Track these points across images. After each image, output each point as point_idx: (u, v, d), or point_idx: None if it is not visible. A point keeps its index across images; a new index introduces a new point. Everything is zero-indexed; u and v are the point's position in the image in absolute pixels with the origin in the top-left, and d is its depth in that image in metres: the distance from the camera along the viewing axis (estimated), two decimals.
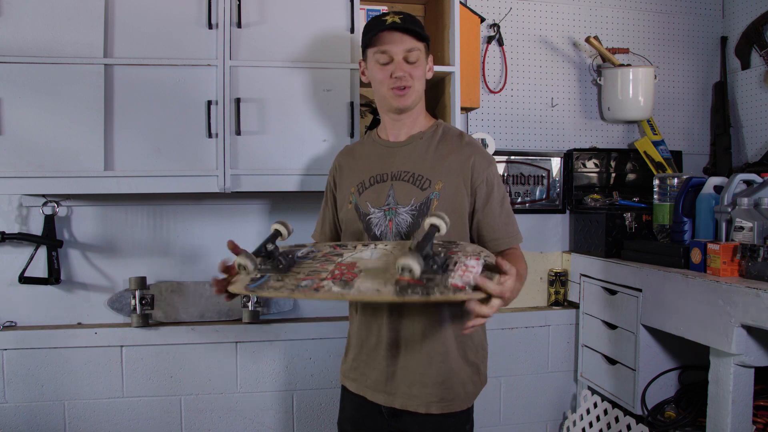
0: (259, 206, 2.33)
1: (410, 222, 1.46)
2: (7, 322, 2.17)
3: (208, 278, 2.29)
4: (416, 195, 1.47)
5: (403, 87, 1.48)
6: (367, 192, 1.53)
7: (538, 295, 2.66)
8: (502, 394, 2.57)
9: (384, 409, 1.52)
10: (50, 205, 2.16)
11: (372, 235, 1.49)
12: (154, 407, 2.24)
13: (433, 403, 1.47)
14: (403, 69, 1.47)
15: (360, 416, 1.57)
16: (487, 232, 1.50)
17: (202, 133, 1.92)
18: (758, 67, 2.58)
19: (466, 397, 1.51)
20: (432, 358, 1.47)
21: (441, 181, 1.47)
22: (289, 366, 2.32)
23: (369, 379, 1.53)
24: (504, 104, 2.59)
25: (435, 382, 1.46)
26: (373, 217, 1.50)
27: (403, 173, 1.50)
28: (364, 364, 1.54)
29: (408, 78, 1.48)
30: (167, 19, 1.90)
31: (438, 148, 1.53)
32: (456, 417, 1.50)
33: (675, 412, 2.09)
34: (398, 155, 1.54)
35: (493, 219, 1.50)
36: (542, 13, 2.61)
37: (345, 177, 1.60)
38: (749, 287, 1.65)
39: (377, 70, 1.49)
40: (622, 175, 2.66)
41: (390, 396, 1.49)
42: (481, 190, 1.49)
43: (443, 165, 1.49)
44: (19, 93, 1.83)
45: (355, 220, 1.53)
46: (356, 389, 1.57)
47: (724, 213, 1.94)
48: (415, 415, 1.48)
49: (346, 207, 1.56)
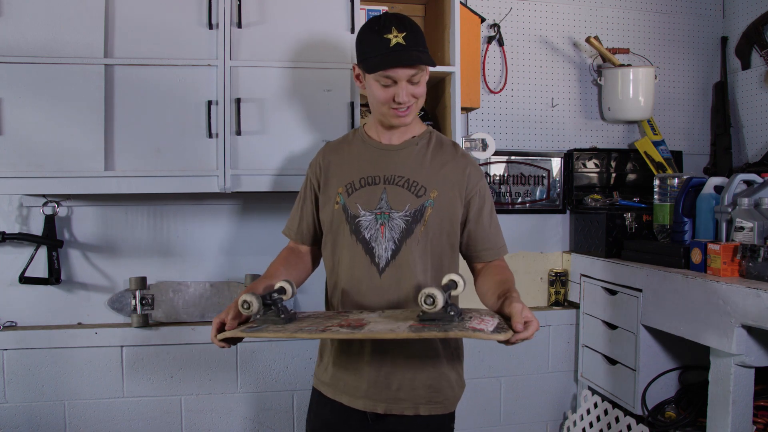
0: (260, 207, 2.33)
1: (403, 228, 1.45)
2: (8, 322, 2.17)
3: (209, 278, 2.30)
4: (411, 201, 1.46)
5: (405, 108, 1.44)
6: (357, 193, 1.49)
7: (539, 296, 2.66)
8: (503, 394, 2.57)
9: (369, 413, 1.48)
10: (50, 205, 2.16)
11: (361, 239, 1.46)
12: (155, 407, 2.24)
13: (422, 405, 1.46)
14: (407, 94, 1.41)
15: (339, 420, 1.52)
16: (477, 242, 1.52)
17: (202, 133, 1.92)
18: (758, 67, 2.58)
19: (453, 399, 1.52)
20: (424, 363, 1.46)
21: (436, 190, 1.47)
22: (289, 366, 2.32)
23: (347, 384, 1.48)
24: (504, 104, 2.59)
25: (425, 384, 1.46)
26: (362, 219, 1.47)
27: (397, 178, 1.48)
28: (344, 370, 1.50)
29: (411, 99, 1.43)
30: (167, 19, 1.90)
31: (434, 156, 1.52)
32: (442, 418, 1.50)
33: (675, 413, 2.09)
34: (392, 159, 1.51)
35: (484, 230, 1.52)
36: (542, 13, 2.61)
37: (331, 175, 1.54)
38: (749, 287, 1.65)
39: (378, 90, 1.42)
40: (622, 175, 2.66)
41: (371, 401, 1.46)
42: (474, 202, 1.51)
43: (439, 174, 1.49)
44: (19, 93, 1.83)
45: (341, 222, 1.49)
46: (332, 395, 1.52)
47: (724, 213, 1.94)
48: (401, 417, 1.46)
49: (331, 207, 1.51)
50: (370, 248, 1.45)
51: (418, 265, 1.45)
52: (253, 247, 2.33)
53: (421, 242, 1.45)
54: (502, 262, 1.54)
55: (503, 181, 2.58)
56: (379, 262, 1.45)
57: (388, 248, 1.45)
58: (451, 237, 1.49)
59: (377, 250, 1.45)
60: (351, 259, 1.47)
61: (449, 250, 1.50)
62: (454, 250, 1.52)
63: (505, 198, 2.59)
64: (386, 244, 1.45)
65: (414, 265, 1.44)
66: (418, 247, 1.45)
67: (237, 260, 2.33)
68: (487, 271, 1.51)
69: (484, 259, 1.53)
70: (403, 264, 1.44)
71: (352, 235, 1.47)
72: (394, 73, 1.39)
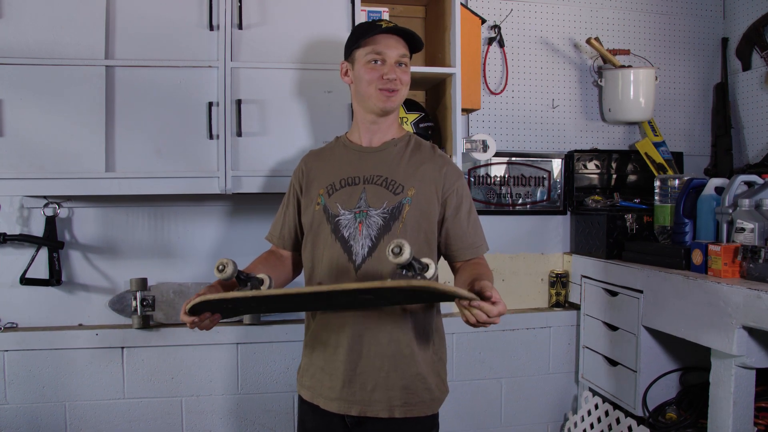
0: (260, 208, 2.33)
1: (381, 225, 1.46)
2: (9, 323, 2.17)
3: (209, 280, 2.30)
4: (389, 199, 1.48)
5: (393, 90, 1.49)
6: (337, 194, 1.51)
7: (539, 297, 2.66)
8: (503, 396, 2.56)
9: (347, 417, 1.48)
10: (51, 206, 2.16)
11: (340, 237, 1.47)
12: (155, 408, 2.24)
13: (397, 407, 1.45)
14: (395, 72, 1.48)
15: (320, 427, 1.52)
16: (454, 240, 1.53)
17: (203, 135, 1.92)
18: (759, 68, 2.58)
19: (432, 403, 1.50)
20: (397, 362, 1.45)
21: (414, 188, 1.49)
22: (290, 367, 2.32)
23: (323, 385, 1.49)
24: (505, 105, 2.59)
25: (400, 385, 1.45)
26: (342, 218, 1.48)
27: (375, 177, 1.51)
28: (320, 370, 1.50)
29: (398, 82, 1.49)
30: (168, 20, 1.90)
31: (412, 156, 1.55)
32: (422, 423, 1.48)
33: (676, 414, 2.09)
34: (371, 159, 1.54)
35: (462, 229, 1.53)
36: (543, 14, 2.61)
37: (313, 179, 1.58)
38: (750, 289, 1.65)
39: (367, 70, 1.49)
40: (623, 177, 2.66)
41: (346, 403, 1.46)
42: (451, 200, 1.52)
43: (417, 172, 1.51)
44: (20, 94, 1.83)
45: (322, 222, 1.50)
46: (310, 397, 1.52)
47: (725, 214, 1.94)
48: (376, 421, 1.45)
49: (312, 209, 1.53)
50: (348, 246, 1.47)
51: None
52: (253, 248, 2.29)
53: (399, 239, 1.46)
54: (481, 260, 1.55)
55: (504, 183, 2.58)
56: (356, 259, 1.46)
57: (365, 245, 1.46)
58: (428, 235, 1.51)
59: (355, 248, 1.46)
60: (330, 257, 1.48)
61: (428, 248, 1.51)
62: (432, 248, 1.53)
63: (505, 199, 2.59)
64: (363, 241, 1.46)
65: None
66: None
67: (238, 261, 2.28)
68: (464, 268, 1.52)
69: (462, 258, 1.54)
70: (380, 260, 1.44)
71: (332, 234, 1.49)
72: (385, 49, 1.48)
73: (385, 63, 1.48)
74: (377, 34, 1.48)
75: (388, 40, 1.49)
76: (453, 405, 2.45)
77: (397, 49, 1.49)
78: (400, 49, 1.50)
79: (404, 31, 1.50)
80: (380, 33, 1.48)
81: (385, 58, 1.48)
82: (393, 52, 1.49)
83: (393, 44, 1.49)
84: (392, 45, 1.49)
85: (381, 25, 1.49)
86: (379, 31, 1.48)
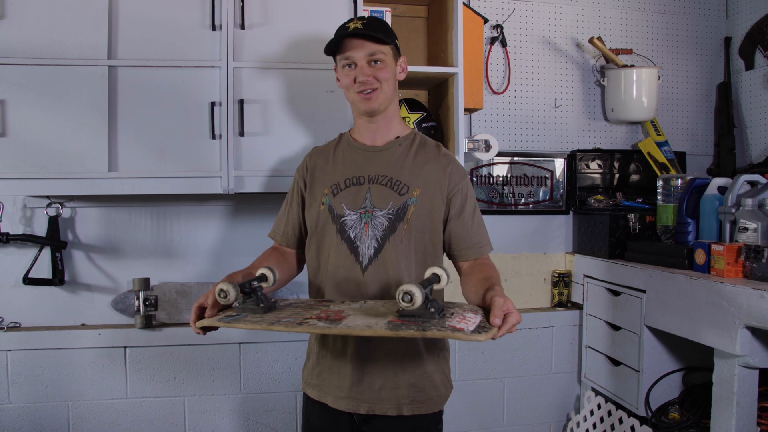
0: (262, 207, 2.33)
1: (386, 225, 1.46)
2: (12, 322, 2.18)
3: (212, 279, 2.30)
4: (394, 199, 1.48)
5: (370, 90, 1.48)
6: (342, 194, 1.51)
7: (542, 297, 2.65)
8: (506, 395, 2.56)
9: (355, 415, 1.49)
10: (54, 206, 2.16)
11: (346, 238, 1.47)
12: (158, 408, 2.24)
13: (405, 404, 1.46)
14: (365, 74, 1.47)
15: (327, 424, 1.52)
16: (459, 240, 1.53)
17: (205, 135, 1.92)
18: (762, 68, 2.58)
19: (438, 400, 1.51)
20: (405, 362, 1.46)
21: (419, 188, 1.49)
22: (292, 367, 2.32)
23: (331, 385, 1.49)
24: (507, 105, 2.59)
25: (408, 384, 1.46)
26: (347, 219, 1.48)
27: (380, 177, 1.51)
28: (328, 369, 1.51)
29: (373, 81, 1.48)
30: (171, 20, 1.90)
31: (417, 156, 1.54)
32: (428, 419, 1.50)
33: (679, 414, 2.08)
34: (376, 159, 1.54)
35: (466, 228, 1.52)
36: (545, 14, 2.61)
37: (317, 178, 1.57)
38: (753, 288, 1.65)
39: (343, 76, 1.51)
40: (625, 176, 2.65)
41: (354, 402, 1.46)
42: (455, 200, 1.52)
43: (421, 172, 1.51)
44: (22, 94, 1.84)
45: (327, 222, 1.50)
46: (317, 396, 1.53)
47: (728, 214, 1.94)
48: (385, 418, 1.46)
49: (316, 208, 1.53)
50: (354, 247, 1.47)
51: (402, 262, 1.46)
52: (256, 247, 2.29)
53: (405, 240, 1.46)
54: (486, 260, 1.54)
55: (506, 182, 2.58)
56: (362, 260, 1.46)
57: (371, 246, 1.46)
58: (433, 235, 1.51)
59: (361, 249, 1.46)
60: (336, 258, 1.48)
61: (432, 248, 1.51)
62: (437, 249, 1.53)
63: (508, 199, 2.59)
64: (369, 242, 1.46)
65: (397, 263, 1.45)
66: (401, 245, 1.46)
67: (240, 261, 2.30)
68: (471, 270, 1.51)
69: (467, 258, 1.53)
70: (386, 262, 1.45)
71: (338, 234, 1.48)
72: (351, 53, 1.47)
73: (356, 66, 1.48)
74: (345, 38, 1.48)
75: (353, 42, 1.48)
76: (456, 404, 2.45)
77: (364, 49, 1.47)
78: (367, 48, 1.47)
79: (363, 35, 1.47)
80: (346, 37, 1.48)
81: (355, 61, 1.48)
82: (360, 53, 1.47)
83: (359, 45, 1.47)
84: (358, 46, 1.47)
85: (348, 27, 1.48)
86: (345, 35, 1.47)
